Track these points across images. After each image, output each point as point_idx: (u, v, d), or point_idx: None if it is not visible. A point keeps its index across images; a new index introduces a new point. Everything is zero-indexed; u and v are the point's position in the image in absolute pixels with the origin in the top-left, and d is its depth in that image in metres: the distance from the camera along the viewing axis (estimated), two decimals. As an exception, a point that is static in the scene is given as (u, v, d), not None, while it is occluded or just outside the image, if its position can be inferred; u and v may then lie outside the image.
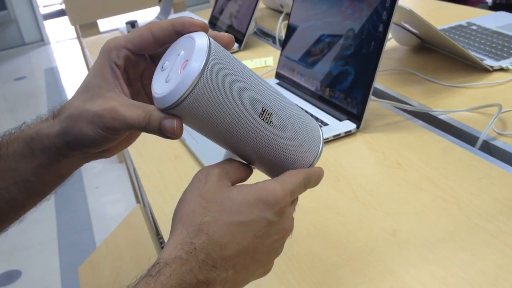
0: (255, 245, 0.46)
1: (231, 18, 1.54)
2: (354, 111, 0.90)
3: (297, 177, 0.49)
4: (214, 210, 0.45)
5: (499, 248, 0.60)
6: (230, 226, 0.44)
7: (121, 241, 0.84)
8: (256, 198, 0.46)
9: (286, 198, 0.47)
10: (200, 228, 0.44)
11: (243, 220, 0.45)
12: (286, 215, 0.48)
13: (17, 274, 2.11)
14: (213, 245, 0.44)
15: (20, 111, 3.90)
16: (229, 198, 0.45)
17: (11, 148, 0.51)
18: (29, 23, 5.53)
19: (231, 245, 0.44)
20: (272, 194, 0.46)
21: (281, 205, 0.46)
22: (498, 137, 0.83)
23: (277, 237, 0.48)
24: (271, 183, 0.47)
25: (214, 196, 0.45)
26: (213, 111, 0.43)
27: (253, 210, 0.45)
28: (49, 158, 0.51)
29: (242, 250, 0.45)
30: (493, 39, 1.15)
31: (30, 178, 0.52)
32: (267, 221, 0.46)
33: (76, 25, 2.53)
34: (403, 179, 0.75)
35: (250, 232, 0.45)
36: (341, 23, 0.95)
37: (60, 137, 0.50)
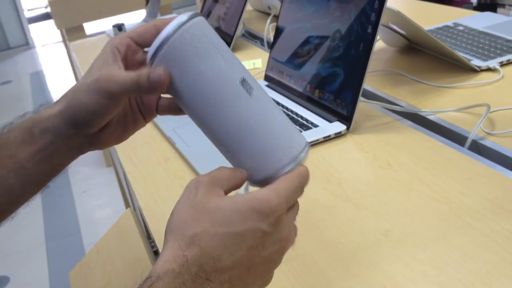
0: (250, 256, 0.44)
1: (219, 21, 1.54)
2: (344, 113, 0.90)
3: (291, 182, 0.47)
4: (205, 221, 0.44)
5: (489, 246, 0.60)
6: (223, 237, 0.43)
7: (112, 245, 0.84)
8: (249, 208, 0.44)
9: (282, 207, 0.45)
10: (192, 240, 0.43)
11: (236, 231, 0.43)
12: (283, 225, 0.46)
13: (5, 280, 2.08)
14: (205, 257, 0.43)
15: (5, 115, 3.86)
16: (221, 208, 0.44)
17: (11, 136, 0.53)
18: (13, 27, 5.49)
19: (224, 256, 0.43)
20: (266, 203, 0.44)
21: (277, 215, 0.45)
22: (487, 137, 0.84)
23: (274, 248, 0.46)
24: (265, 191, 0.45)
25: (205, 206, 0.44)
26: (191, 62, 0.46)
27: (245, 220, 0.44)
28: (47, 142, 0.53)
29: (236, 262, 0.44)
30: (480, 40, 1.16)
31: (27, 164, 0.53)
32: (262, 232, 0.44)
33: (62, 28, 2.52)
34: (394, 179, 0.75)
35: (244, 243, 0.44)
36: (330, 25, 0.95)
37: (59, 116, 0.52)
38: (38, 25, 6.22)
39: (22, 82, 4.57)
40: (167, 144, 0.95)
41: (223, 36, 1.49)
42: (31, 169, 0.53)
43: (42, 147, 0.53)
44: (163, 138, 0.98)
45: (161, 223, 0.74)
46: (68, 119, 0.52)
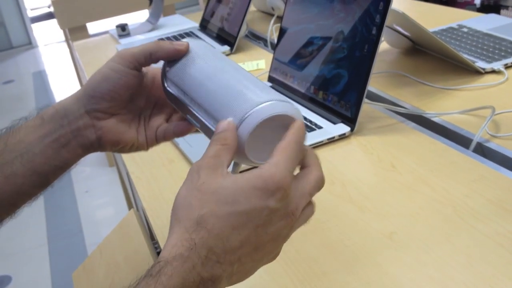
0: (258, 234, 0.43)
1: (222, 21, 1.54)
2: (348, 114, 0.90)
3: (288, 148, 0.45)
4: (210, 202, 0.43)
5: (494, 249, 0.60)
6: (229, 217, 0.42)
7: (115, 246, 0.84)
8: (253, 186, 0.43)
9: (287, 179, 0.43)
10: (198, 221, 0.42)
11: (241, 210, 0.42)
12: (290, 198, 0.44)
13: (7, 279, 2.09)
14: (214, 238, 0.42)
15: (7, 115, 3.87)
16: (225, 187, 0.43)
17: (24, 124, 0.55)
18: (16, 26, 5.50)
19: (232, 237, 0.42)
20: (270, 179, 0.43)
21: (283, 189, 0.43)
22: (492, 139, 0.84)
23: (282, 223, 0.45)
24: (266, 168, 0.44)
25: (209, 187, 0.43)
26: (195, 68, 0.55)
27: (251, 199, 0.43)
28: (56, 125, 0.55)
29: (244, 241, 0.43)
30: (484, 41, 1.16)
31: (34, 148, 0.54)
32: (268, 209, 0.43)
33: (65, 28, 2.52)
34: (398, 181, 0.75)
35: (251, 222, 0.43)
36: (334, 26, 0.95)
37: (71, 98, 0.56)
38: (41, 24, 6.23)
39: (25, 81, 4.58)
40: (171, 145, 0.95)
41: (227, 37, 1.49)
42: (37, 155, 0.54)
43: (50, 130, 0.55)
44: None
45: (164, 224, 0.74)
46: (81, 97, 0.56)
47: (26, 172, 0.54)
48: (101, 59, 1.62)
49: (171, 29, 1.79)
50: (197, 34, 1.63)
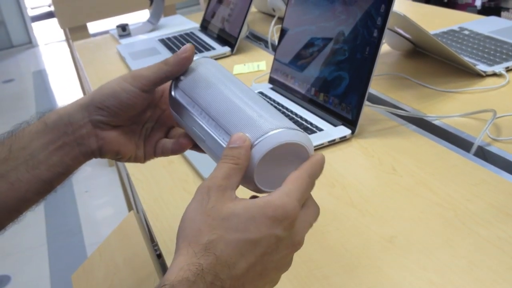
0: (264, 262, 0.44)
1: (223, 22, 1.54)
2: (349, 117, 0.89)
3: (302, 180, 0.46)
4: (220, 228, 0.43)
5: (496, 254, 0.60)
6: (238, 244, 0.43)
7: (114, 248, 0.83)
8: (263, 215, 0.43)
9: (295, 210, 0.44)
10: (207, 247, 0.42)
11: (251, 238, 0.43)
12: (297, 228, 0.45)
13: (6, 279, 2.08)
14: (221, 265, 0.42)
15: (7, 114, 3.86)
16: (236, 215, 0.43)
17: (27, 129, 0.55)
18: (17, 25, 5.50)
19: (239, 264, 0.43)
20: (281, 209, 0.43)
21: (291, 219, 0.44)
22: (493, 143, 0.83)
23: (287, 252, 0.45)
24: (277, 196, 0.44)
25: (219, 213, 0.43)
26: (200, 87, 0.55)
27: (260, 227, 0.43)
28: (60, 132, 0.55)
29: (250, 268, 0.43)
30: (486, 44, 1.16)
31: (39, 155, 0.54)
32: (276, 238, 0.44)
33: (65, 28, 2.52)
34: (399, 184, 0.75)
35: (258, 249, 0.43)
36: (335, 28, 0.95)
37: (75, 104, 0.56)
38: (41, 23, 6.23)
39: (25, 80, 4.57)
40: (171, 146, 0.95)
41: (227, 37, 1.49)
42: (41, 162, 0.54)
43: (54, 137, 0.55)
44: (167, 140, 0.98)
45: (164, 226, 0.74)
46: (86, 106, 0.56)
47: (31, 179, 0.54)
48: (102, 59, 1.62)
49: (171, 29, 1.79)
50: (198, 35, 1.63)
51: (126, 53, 1.56)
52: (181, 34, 1.68)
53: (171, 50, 1.51)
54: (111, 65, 1.55)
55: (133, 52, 1.56)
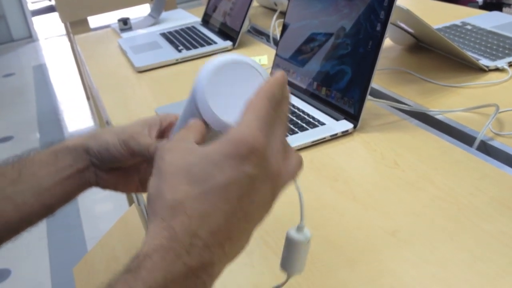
0: (243, 205, 0.39)
1: (225, 16, 1.53)
2: (351, 111, 0.89)
3: (259, 105, 0.40)
4: (183, 184, 0.38)
5: (498, 248, 0.60)
6: (207, 195, 0.38)
7: (116, 241, 0.83)
8: (224, 156, 0.38)
9: (260, 140, 0.39)
10: (174, 207, 0.38)
11: (219, 184, 0.38)
12: (269, 159, 0.40)
13: (7, 273, 2.09)
14: (196, 222, 0.37)
15: (8, 107, 3.86)
16: (195, 164, 0.39)
17: (37, 157, 0.58)
18: (17, 19, 5.49)
19: (216, 215, 0.38)
20: (241, 144, 0.38)
21: (258, 152, 0.38)
22: (495, 138, 0.83)
23: (267, 187, 0.40)
24: (235, 130, 0.39)
25: (176, 167, 0.39)
26: None
27: (226, 170, 0.38)
28: (67, 164, 0.58)
29: (230, 217, 0.38)
30: (488, 39, 1.15)
31: (46, 183, 0.57)
32: (248, 177, 0.38)
33: (66, 22, 2.52)
34: (401, 179, 0.75)
35: (232, 194, 0.38)
36: (338, 22, 0.95)
37: (83, 145, 0.58)
38: (41, 17, 6.22)
39: (25, 75, 4.57)
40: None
41: (229, 32, 1.48)
42: (47, 190, 0.57)
43: (61, 168, 0.58)
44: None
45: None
46: (88, 148, 0.58)
47: (35, 204, 0.57)
48: (103, 53, 1.62)
49: (173, 23, 1.78)
50: (199, 29, 1.63)
51: (127, 47, 1.55)
52: (182, 28, 1.68)
53: (172, 44, 1.50)
54: (113, 59, 1.54)
55: (135, 46, 1.55)
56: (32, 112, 3.68)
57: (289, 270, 0.49)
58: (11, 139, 3.31)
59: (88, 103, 3.65)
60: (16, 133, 3.38)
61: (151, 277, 0.36)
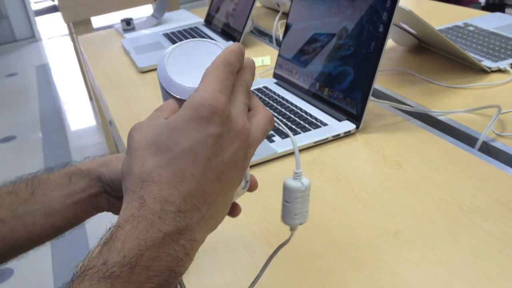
0: (214, 165, 0.39)
1: (228, 17, 1.54)
2: (354, 111, 0.90)
3: (215, 70, 0.41)
4: (149, 155, 0.39)
5: (500, 248, 0.60)
6: (174, 161, 0.38)
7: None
8: (186, 120, 0.39)
9: (219, 100, 0.39)
10: (142, 178, 0.38)
11: (183, 149, 0.38)
12: (232, 116, 0.40)
13: (9, 272, 2.09)
14: (166, 188, 0.37)
15: (11, 107, 3.87)
16: (158, 134, 0.39)
17: (51, 178, 0.58)
18: (20, 19, 5.50)
19: (186, 179, 0.38)
20: (201, 106, 0.39)
21: (219, 111, 0.39)
22: (497, 138, 0.83)
23: (237, 144, 0.40)
24: (194, 95, 0.40)
25: (144, 141, 0.40)
26: None
27: (189, 133, 0.39)
28: (80, 188, 0.58)
29: (201, 179, 0.39)
30: (490, 40, 1.15)
31: (57, 205, 0.57)
32: (212, 137, 0.39)
33: (69, 22, 2.52)
34: (403, 179, 0.75)
35: (199, 157, 0.38)
36: (340, 23, 0.95)
37: (96, 169, 0.58)
38: (44, 17, 6.23)
39: (28, 74, 4.58)
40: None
41: (231, 32, 1.49)
42: (58, 212, 0.57)
43: (74, 192, 0.58)
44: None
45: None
46: (101, 175, 0.58)
47: (45, 225, 0.57)
48: (106, 53, 1.62)
49: (176, 24, 1.79)
50: (202, 29, 1.63)
51: (130, 47, 1.56)
52: (185, 28, 1.68)
53: (175, 45, 1.51)
54: (116, 59, 1.55)
55: (138, 46, 1.56)
56: (34, 112, 3.69)
57: (291, 222, 0.49)
58: (13, 138, 3.32)
59: (91, 103, 3.65)
60: (19, 133, 3.39)
61: (125, 247, 0.35)
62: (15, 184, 0.58)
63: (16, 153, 3.10)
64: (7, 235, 0.56)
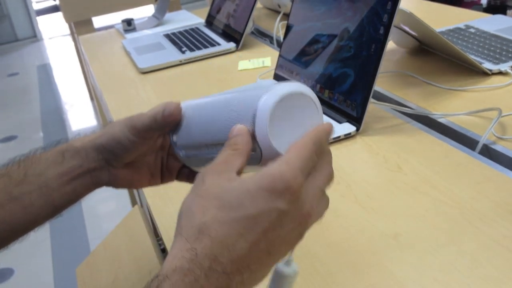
0: (268, 239, 0.40)
1: (228, 18, 1.54)
2: (354, 114, 0.89)
3: (304, 148, 0.42)
4: (213, 207, 0.39)
5: (500, 252, 0.60)
6: (233, 222, 0.39)
7: (119, 242, 0.84)
8: (259, 187, 0.39)
9: (297, 179, 0.40)
10: (200, 230, 0.39)
11: (248, 214, 0.39)
12: (302, 199, 0.41)
13: (10, 272, 2.09)
14: (218, 247, 0.38)
15: (12, 107, 3.87)
16: (229, 191, 0.40)
17: (44, 156, 0.57)
18: (21, 19, 5.51)
19: (239, 244, 0.39)
20: (278, 179, 0.39)
21: (293, 190, 0.39)
22: (498, 141, 0.83)
23: (294, 225, 0.41)
24: (275, 166, 0.40)
25: (212, 192, 0.40)
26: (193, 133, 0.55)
27: (258, 201, 0.39)
28: (74, 165, 0.56)
29: (253, 248, 0.39)
30: (492, 43, 1.15)
31: (53, 184, 0.55)
32: (278, 212, 0.39)
33: (70, 22, 2.53)
34: (404, 182, 0.75)
35: (259, 226, 0.39)
36: (341, 24, 0.95)
37: (92, 143, 0.57)
38: (46, 17, 6.24)
39: (29, 74, 4.58)
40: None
41: (232, 33, 1.49)
42: (55, 190, 0.56)
43: (69, 169, 0.56)
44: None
45: (169, 222, 0.74)
46: (99, 146, 0.57)
47: (43, 205, 0.56)
48: (107, 53, 1.62)
49: (177, 24, 1.79)
50: (203, 30, 1.63)
51: (131, 48, 1.56)
52: (186, 29, 1.68)
53: (176, 45, 1.51)
54: (116, 59, 1.55)
55: (138, 47, 1.56)
56: (36, 112, 3.70)
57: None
58: (15, 138, 3.32)
59: (92, 104, 3.65)
60: (20, 133, 3.39)
61: None
62: (7, 167, 0.57)
63: (17, 152, 3.08)
64: (7, 219, 0.55)
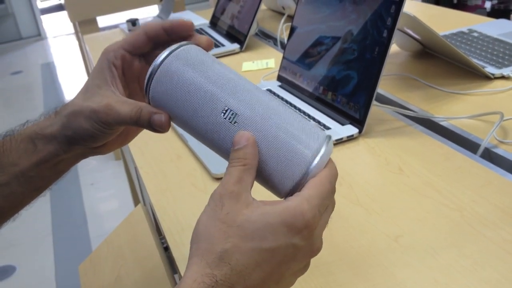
0: (281, 270, 0.43)
1: (233, 19, 1.54)
2: (357, 116, 0.90)
3: (323, 186, 0.44)
4: (235, 236, 0.41)
5: (500, 255, 0.60)
6: (254, 253, 0.41)
7: (122, 240, 0.84)
8: (281, 223, 0.41)
9: (315, 219, 0.42)
10: (222, 257, 0.41)
11: (267, 247, 0.41)
12: (316, 236, 0.44)
13: (12, 269, 2.10)
14: (236, 276, 0.41)
15: (15, 105, 3.88)
16: (252, 222, 0.42)
17: (14, 144, 0.54)
18: (26, 18, 5.52)
19: (255, 273, 0.41)
20: (300, 217, 0.42)
21: (311, 228, 0.42)
22: (499, 145, 0.84)
23: (305, 259, 0.44)
24: (298, 201, 0.42)
25: (234, 219, 0.42)
26: (174, 98, 0.48)
27: (278, 235, 0.41)
28: (50, 153, 0.54)
29: (266, 277, 0.42)
30: (494, 47, 1.16)
31: (30, 173, 0.54)
32: (294, 247, 0.42)
33: (75, 21, 2.53)
34: (405, 184, 0.76)
35: (276, 258, 0.42)
36: (345, 27, 0.95)
37: (61, 132, 0.53)
38: (50, 16, 6.25)
39: (33, 72, 4.59)
40: (179, 142, 0.96)
41: (236, 34, 1.49)
42: (34, 177, 0.54)
43: (45, 157, 0.54)
44: (175, 135, 0.99)
45: (172, 220, 0.75)
46: (70, 137, 0.53)
47: (24, 191, 0.55)
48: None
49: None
50: (207, 31, 1.64)
51: (135, 47, 1.56)
52: (190, 30, 1.68)
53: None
54: (121, 59, 1.55)
55: (143, 46, 1.56)
56: (39, 110, 3.70)
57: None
58: (18, 136, 3.33)
59: (95, 102, 3.66)
60: (23, 131, 3.39)
61: None
62: None
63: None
64: None
